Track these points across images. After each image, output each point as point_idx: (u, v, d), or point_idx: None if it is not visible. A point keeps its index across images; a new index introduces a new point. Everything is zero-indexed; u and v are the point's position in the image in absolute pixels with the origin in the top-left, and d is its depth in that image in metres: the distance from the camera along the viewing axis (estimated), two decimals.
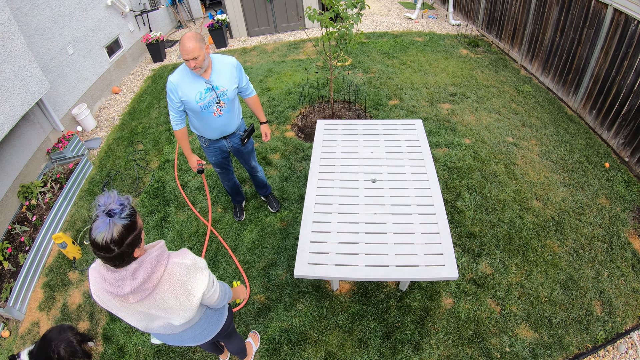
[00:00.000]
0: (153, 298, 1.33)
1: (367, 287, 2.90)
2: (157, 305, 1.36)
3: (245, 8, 7.55)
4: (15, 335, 2.96)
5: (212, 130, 2.66)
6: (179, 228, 3.55)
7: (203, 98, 2.41)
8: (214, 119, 2.56)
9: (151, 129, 5.10)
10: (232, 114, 2.65)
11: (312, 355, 2.55)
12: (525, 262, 3.00)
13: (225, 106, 2.53)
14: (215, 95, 2.43)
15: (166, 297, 1.35)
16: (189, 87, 2.37)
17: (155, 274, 1.30)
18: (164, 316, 1.42)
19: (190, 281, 1.38)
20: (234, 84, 2.52)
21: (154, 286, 1.30)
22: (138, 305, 1.33)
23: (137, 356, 2.66)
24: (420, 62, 6.02)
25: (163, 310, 1.38)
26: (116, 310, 1.37)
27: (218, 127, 2.64)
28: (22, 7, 4.38)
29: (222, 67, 2.45)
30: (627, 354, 2.49)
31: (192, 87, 2.37)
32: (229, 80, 2.48)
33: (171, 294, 1.35)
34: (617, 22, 3.82)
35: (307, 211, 2.55)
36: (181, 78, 2.36)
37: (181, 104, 2.44)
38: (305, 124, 4.80)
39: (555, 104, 4.82)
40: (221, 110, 2.53)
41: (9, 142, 3.97)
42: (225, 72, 2.46)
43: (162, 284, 1.33)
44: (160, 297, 1.34)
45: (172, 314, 1.41)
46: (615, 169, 3.79)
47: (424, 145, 3.06)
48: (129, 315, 1.39)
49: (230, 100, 2.54)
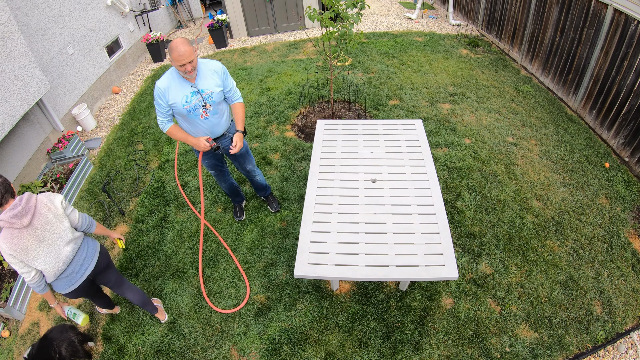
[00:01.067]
0: (37, 217, 1.99)
1: (367, 287, 2.90)
2: (42, 223, 2.01)
3: (245, 8, 7.55)
4: (15, 335, 2.96)
5: (200, 133, 2.69)
6: (179, 228, 3.55)
7: (189, 101, 2.46)
8: (201, 122, 2.62)
9: (151, 129, 5.10)
10: (219, 116, 2.69)
11: (312, 355, 2.55)
12: (525, 262, 3.00)
13: (211, 108, 2.58)
14: (201, 98, 2.49)
15: (43, 212, 2.02)
16: (176, 91, 2.44)
17: (31, 200, 1.99)
18: (53, 237, 2.05)
19: (50, 196, 2.11)
20: (219, 87, 2.56)
21: (34, 206, 1.98)
22: (33, 231, 1.97)
23: (137, 356, 2.66)
24: (420, 62, 6.02)
25: (47, 224, 2.03)
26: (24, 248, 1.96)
27: (206, 129, 2.68)
28: (22, 7, 4.38)
29: (207, 71, 2.51)
30: (627, 354, 2.49)
31: (179, 91, 2.44)
32: (214, 84, 2.53)
33: (45, 208, 2.04)
34: (617, 22, 3.82)
35: (307, 211, 2.55)
36: (168, 83, 2.43)
37: (169, 108, 2.50)
38: (305, 124, 4.80)
39: (555, 104, 4.82)
40: (207, 112, 2.58)
41: (9, 142, 3.97)
42: (210, 75, 2.51)
43: (38, 205, 2.01)
44: (40, 213, 2.01)
45: (55, 228, 2.06)
46: (615, 169, 3.79)
47: (424, 145, 3.06)
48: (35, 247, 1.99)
49: (216, 103, 2.58)
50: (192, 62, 2.31)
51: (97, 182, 4.26)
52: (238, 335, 2.70)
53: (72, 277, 2.21)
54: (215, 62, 2.57)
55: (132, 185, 4.20)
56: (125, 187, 4.19)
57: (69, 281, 2.20)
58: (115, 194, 4.09)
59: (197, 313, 2.87)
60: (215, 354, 2.62)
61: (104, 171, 4.44)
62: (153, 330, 2.79)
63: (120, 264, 3.31)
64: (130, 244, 3.49)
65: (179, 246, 3.39)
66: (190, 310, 2.90)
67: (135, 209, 3.87)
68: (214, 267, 3.18)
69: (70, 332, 2.57)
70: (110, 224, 3.74)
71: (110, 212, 3.86)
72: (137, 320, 2.87)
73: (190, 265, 3.21)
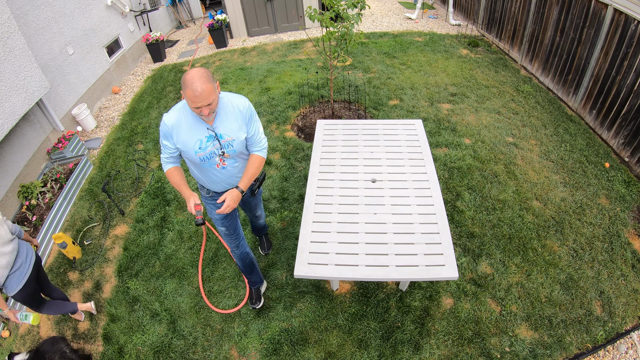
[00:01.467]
0: None
1: (367, 287, 2.90)
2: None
3: (245, 8, 7.55)
4: (15, 335, 2.96)
5: (214, 183, 2.19)
6: (179, 228, 3.55)
7: (203, 148, 1.94)
8: (216, 171, 2.09)
9: (151, 129, 5.10)
10: (239, 164, 2.15)
11: (312, 355, 2.55)
12: (525, 262, 3.00)
13: (230, 157, 2.06)
14: (218, 145, 1.96)
15: None
16: (187, 134, 1.91)
17: None
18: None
19: None
20: (243, 133, 2.01)
21: None
22: None
23: (137, 356, 2.66)
24: (420, 62, 6.02)
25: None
26: None
27: (221, 180, 2.16)
28: (22, 7, 4.38)
29: (230, 111, 1.96)
30: (627, 354, 2.49)
31: (191, 133, 1.91)
32: (237, 128, 1.98)
33: None
34: (617, 22, 3.82)
35: (307, 211, 2.55)
36: (178, 121, 1.91)
37: (176, 150, 2.01)
38: (305, 124, 4.80)
39: (555, 104, 4.82)
40: (225, 161, 2.05)
41: (9, 142, 3.97)
42: (233, 117, 1.97)
43: None
44: None
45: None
46: (615, 169, 3.79)
47: (424, 145, 3.06)
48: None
49: (236, 152, 2.05)
50: (212, 105, 1.78)
51: (97, 182, 4.26)
52: (238, 335, 2.70)
53: (22, 268, 2.40)
54: (241, 98, 2.01)
55: (132, 185, 4.20)
56: (125, 187, 4.19)
57: (21, 273, 2.39)
58: (115, 194, 4.09)
59: (197, 313, 2.87)
60: (215, 354, 2.62)
61: (104, 171, 4.44)
62: (153, 330, 2.80)
63: (120, 264, 3.31)
64: (130, 244, 3.49)
65: (179, 246, 3.39)
66: (190, 310, 2.90)
67: (135, 209, 3.87)
68: (214, 267, 3.18)
69: (61, 343, 2.59)
70: (110, 224, 3.74)
71: (110, 212, 3.86)
72: (137, 320, 2.87)
73: (190, 265, 3.21)
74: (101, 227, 3.73)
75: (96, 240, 3.60)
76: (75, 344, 2.79)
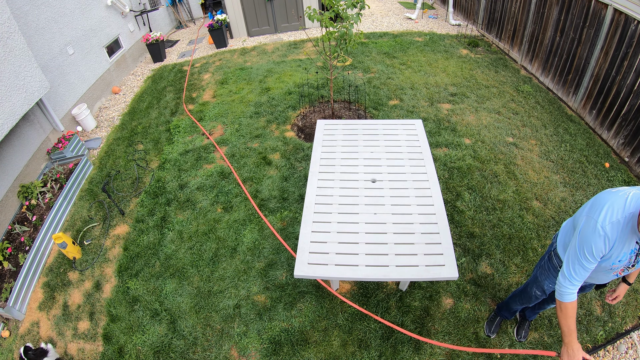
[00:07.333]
0: None
1: (367, 287, 2.90)
2: None
3: (245, 8, 7.55)
4: (15, 335, 2.96)
5: (592, 280, 1.97)
6: (179, 228, 3.55)
7: (622, 260, 1.74)
8: (609, 277, 1.92)
9: (151, 129, 5.10)
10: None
11: (312, 355, 2.55)
12: (526, 262, 3.00)
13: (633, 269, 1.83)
14: (634, 259, 1.75)
15: None
16: (621, 245, 1.71)
17: None
18: None
19: None
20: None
21: None
22: None
23: (137, 356, 2.66)
24: (420, 62, 6.02)
25: None
26: None
27: (601, 281, 1.99)
28: (22, 7, 4.38)
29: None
30: (627, 354, 2.49)
31: (625, 246, 1.71)
32: None
33: None
34: (617, 22, 3.82)
35: (307, 211, 2.55)
36: (622, 232, 1.65)
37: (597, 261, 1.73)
38: (305, 124, 4.80)
39: (555, 104, 4.82)
40: (626, 272, 1.86)
41: (9, 142, 3.97)
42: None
43: None
44: None
45: None
46: (615, 169, 3.79)
47: (424, 145, 3.06)
48: None
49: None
50: None
51: (97, 182, 4.26)
52: (238, 335, 2.70)
53: None
54: None
55: (132, 185, 4.20)
56: (125, 187, 4.19)
57: None
58: (115, 194, 4.09)
59: (197, 313, 2.87)
60: (215, 354, 2.62)
61: (104, 171, 4.44)
62: (153, 330, 2.80)
63: (120, 264, 3.31)
64: (130, 244, 3.49)
65: (179, 246, 3.39)
66: (190, 310, 2.90)
67: (135, 209, 3.87)
68: (214, 267, 3.18)
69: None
70: (110, 224, 3.74)
71: (110, 212, 3.86)
72: (137, 320, 2.87)
73: (190, 265, 3.21)
74: (101, 227, 3.73)
75: (96, 240, 3.60)
76: (75, 344, 2.80)
